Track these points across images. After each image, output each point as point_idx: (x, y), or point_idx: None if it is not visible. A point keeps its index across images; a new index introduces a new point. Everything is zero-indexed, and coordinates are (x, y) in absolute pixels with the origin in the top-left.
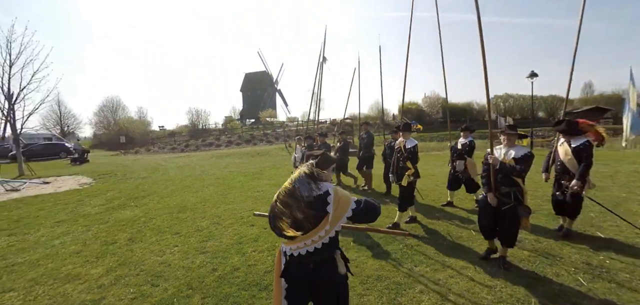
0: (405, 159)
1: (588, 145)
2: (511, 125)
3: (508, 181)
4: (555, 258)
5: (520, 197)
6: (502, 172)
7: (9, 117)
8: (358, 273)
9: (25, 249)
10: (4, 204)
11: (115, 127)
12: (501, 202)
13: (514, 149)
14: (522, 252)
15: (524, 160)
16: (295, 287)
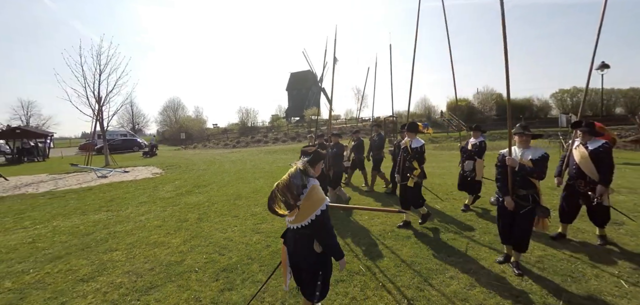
0: (411, 159)
1: (608, 147)
2: (523, 125)
3: (525, 183)
4: (598, 260)
5: (537, 199)
6: (520, 174)
7: (98, 117)
8: (393, 258)
9: (120, 221)
10: (98, 187)
11: (176, 124)
12: (518, 205)
13: (529, 150)
14: (563, 253)
15: (541, 162)
16: (288, 250)
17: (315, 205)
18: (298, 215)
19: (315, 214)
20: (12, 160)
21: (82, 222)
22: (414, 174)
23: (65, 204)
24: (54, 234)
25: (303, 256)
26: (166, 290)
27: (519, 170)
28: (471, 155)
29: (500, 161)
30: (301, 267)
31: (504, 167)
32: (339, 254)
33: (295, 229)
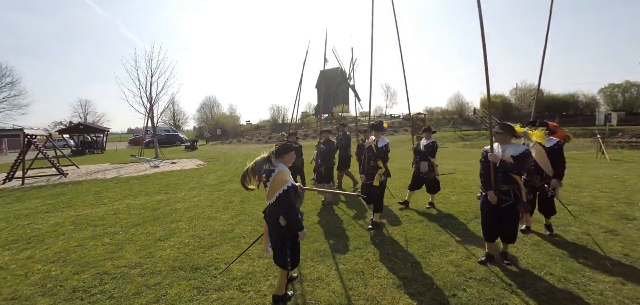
0: (376, 158)
1: (562, 146)
2: (503, 124)
3: (507, 179)
4: (594, 248)
5: (519, 195)
6: (502, 170)
7: (150, 115)
8: (403, 234)
9: (178, 202)
10: (154, 175)
11: (212, 121)
12: (501, 200)
13: (510, 147)
14: (532, 238)
15: (521, 158)
16: (267, 224)
17: (279, 186)
18: (268, 194)
19: (279, 192)
20: (77, 152)
21: (149, 202)
22: (379, 173)
23: (131, 188)
24: (129, 209)
25: (273, 228)
26: (223, 248)
27: (500, 166)
28: (425, 156)
29: (484, 157)
30: (272, 238)
31: (487, 163)
32: (298, 227)
33: (268, 205)
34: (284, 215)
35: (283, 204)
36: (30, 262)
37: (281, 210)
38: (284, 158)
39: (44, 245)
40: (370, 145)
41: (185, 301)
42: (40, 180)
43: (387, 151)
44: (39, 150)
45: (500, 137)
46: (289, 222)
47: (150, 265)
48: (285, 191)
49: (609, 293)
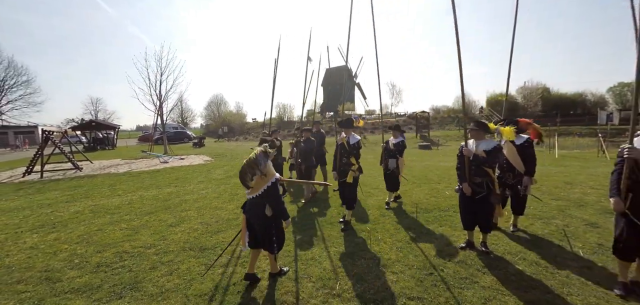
0: (348, 155)
1: (531, 142)
2: (477, 121)
3: (480, 172)
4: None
5: (491, 187)
6: (475, 164)
7: (159, 112)
8: (394, 224)
9: (187, 193)
10: (163, 170)
11: (219, 119)
12: (475, 191)
13: (484, 142)
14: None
15: (493, 153)
16: (247, 217)
17: (267, 179)
18: (253, 188)
19: (267, 185)
20: (89, 148)
21: (159, 193)
22: (353, 169)
23: (142, 181)
24: (141, 199)
25: (257, 219)
26: (228, 233)
27: (473, 160)
28: (393, 154)
29: (460, 152)
30: (256, 229)
31: (462, 157)
32: (285, 216)
33: (252, 198)
34: (271, 206)
35: (270, 195)
36: (57, 243)
37: (268, 201)
38: (271, 153)
39: (68, 229)
40: (342, 142)
41: (195, 274)
42: (57, 174)
43: (358, 147)
44: (55, 145)
45: (475, 133)
46: (276, 212)
47: (163, 246)
48: (273, 183)
49: (574, 275)
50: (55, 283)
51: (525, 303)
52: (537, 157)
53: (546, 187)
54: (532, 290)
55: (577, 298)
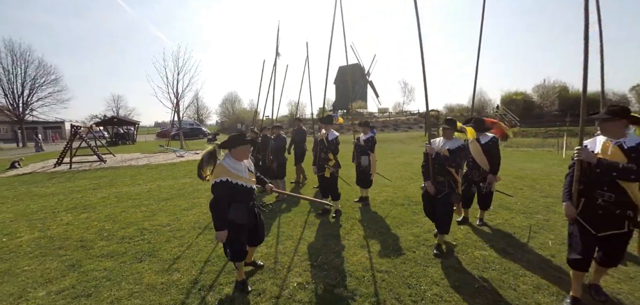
0: (327, 150)
1: (495, 141)
2: (448, 119)
3: (443, 171)
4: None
5: (453, 186)
6: (438, 163)
7: (176, 110)
8: (383, 213)
9: (200, 184)
10: (180, 163)
11: (233, 116)
12: (438, 190)
13: (450, 141)
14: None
15: (457, 152)
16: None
17: (212, 179)
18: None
19: (211, 184)
20: (111, 143)
21: (175, 183)
22: (329, 164)
23: (160, 173)
24: (159, 188)
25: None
26: None
27: (436, 158)
28: (365, 151)
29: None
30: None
31: (427, 155)
32: (216, 225)
33: None
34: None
35: (212, 195)
36: (88, 221)
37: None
38: (233, 152)
39: (96, 211)
40: (321, 138)
41: (202, 246)
42: (84, 165)
43: (336, 144)
44: (83, 139)
45: (447, 132)
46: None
47: (177, 225)
48: (213, 184)
49: (535, 261)
50: (88, 249)
51: (480, 279)
52: (543, 156)
53: (540, 185)
54: (490, 271)
55: (530, 279)
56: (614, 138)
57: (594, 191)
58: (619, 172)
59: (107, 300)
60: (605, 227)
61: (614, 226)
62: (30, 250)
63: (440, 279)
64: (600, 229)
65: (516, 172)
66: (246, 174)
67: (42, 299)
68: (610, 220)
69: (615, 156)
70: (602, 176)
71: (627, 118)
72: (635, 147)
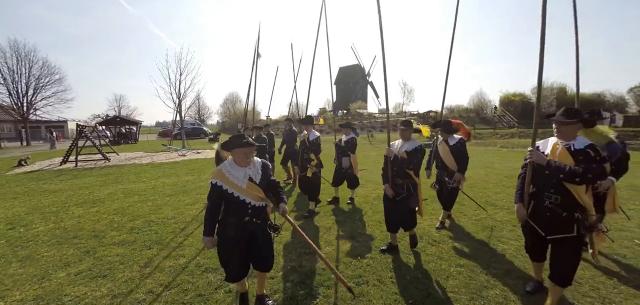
0: (308, 150)
1: (463, 142)
2: (406, 120)
3: (401, 173)
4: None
5: (411, 189)
6: (397, 165)
7: (178, 110)
8: (367, 212)
9: (202, 181)
10: (182, 162)
11: (234, 116)
12: (397, 192)
13: (407, 143)
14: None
15: (413, 154)
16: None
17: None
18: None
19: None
20: (113, 142)
21: (179, 180)
22: (311, 164)
23: (163, 171)
24: (163, 185)
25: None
26: None
27: (394, 161)
28: (345, 152)
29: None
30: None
31: (386, 158)
32: (204, 230)
33: None
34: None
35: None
36: (98, 214)
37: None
38: (232, 155)
39: (105, 205)
40: (303, 139)
41: None
42: (89, 163)
43: (317, 144)
44: (88, 138)
45: (405, 133)
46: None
47: (181, 218)
48: (210, 185)
49: (510, 251)
50: (101, 238)
51: (456, 266)
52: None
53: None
54: (466, 258)
55: (502, 265)
56: (567, 140)
57: (542, 193)
58: (565, 175)
59: (121, 280)
60: (554, 230)
61: (562, 229)
62: (47, 239)
63: (420, 266)
64: (549, 231)
65: (508, 171)
66: (243, 183)
67: (63, 279)
68: (558, 223)
69: (563, 158)
70: (549, 178)
71: (581, 121)
72: (583, 150)
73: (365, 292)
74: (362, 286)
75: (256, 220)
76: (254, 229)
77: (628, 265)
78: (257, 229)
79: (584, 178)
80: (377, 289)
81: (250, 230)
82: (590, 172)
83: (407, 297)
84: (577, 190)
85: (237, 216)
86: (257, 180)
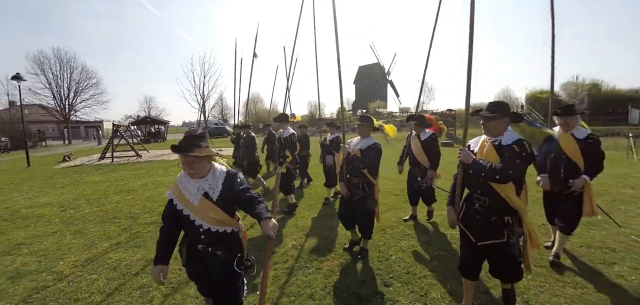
0: (283, 147)
1: (435, 137)
2: (363, 116)
3: (356, 172)
4: None
5: (367, 189)
6: (352, 164)
7: (203, 110)
8: None
9: None
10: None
11: (255, 115)
12: (352, 192)
13: (363, 141)
14: None
15: (366, 152)
16: None
17: None
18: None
19: None
20: (144, 140)
21: None
22: (286, 161)
23: None
24: None
25: None
26: None
27: (349, 159)
28: (330, 150)
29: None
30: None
31: (346, 156)
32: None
33: None
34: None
35: None
36: (133, 200)
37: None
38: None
39: (138, 194)
40: (279, 137)
41: None
42: (123, 159)
43: (292, 141)
44: (122, 136)
45: (362, 130)
46: None
47: None
48: None
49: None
50: (135, 219)
51: (442, 250)
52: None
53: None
54: (453, 245)
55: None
56: (494, 136)
57: (472, 195)
58: (485, 173)
59: (152, 249)
60: (484, 236)
61: (492, 235)
62: (92, 219)
63: (407, 249)
64: (479, 237)
65: None
66: (195, 200)
67: (106, 248)
68: (487, 228)
69: (489, 155)
70: (475, 178)
71: (508, 115)
72: (509, 146)
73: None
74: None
75: (213, 251)
76: (209, 262)
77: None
78: (212, 262)
79: (503, 175)
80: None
81: (205, 263)
82: (510, 168)
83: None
84: (505, 190)
85: (189, 243)
86: (214, 196)
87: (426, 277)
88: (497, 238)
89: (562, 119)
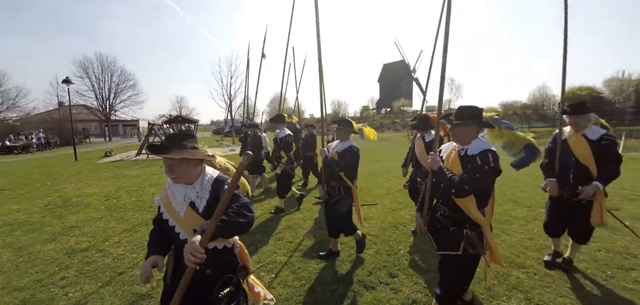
0: (278, 148)
1: (439, 140)
2: (342, 119)
3: (333, 175)
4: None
5: (343, 192)
6: (330, 167)
7: (229, 109)
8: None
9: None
10: (231, 155)
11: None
12: (330, 195)
13: (341, 143)
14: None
15: (342, 155)
16: None
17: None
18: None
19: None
20: None
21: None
22: (281, 162)
23: None
24: None
25: None
26: (272, 193)
27: (327, 162)
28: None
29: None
30: None
31: (324, 159)
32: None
33: None
34: None
35: None
36: None
37: None
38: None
39: None
40: (275, 137)
41: None
42: (157, 156)
43: (286, 142)
44: (157, 134)
45: (339, 133)
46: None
47: None
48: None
49: (511, 240)
50: None
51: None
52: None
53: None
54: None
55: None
56: (461, 144)
57: (437, 203)
58: (444, 185)
59: None
60: (442, 246)
61: (448, 246)
62: (132, 207)
63: (415, 245)
64: (439, 246)
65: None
66: (181, 210)
67: (144, 232)
68: (446, 239)
69: (453, 165)
70: (437, 186)
71: (476, 122)
72: (473, 157)
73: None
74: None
75: (202, 270)
76: (196, 281)
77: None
78: (199, 280)
79: (459, 190)
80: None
81: (191, 283)
82: (467, 183)
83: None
84: (464, 202)
85: (176, 259)
86: (201, 206)
87: (430, 272)
88: (451, 249)
89: (572, 118)
